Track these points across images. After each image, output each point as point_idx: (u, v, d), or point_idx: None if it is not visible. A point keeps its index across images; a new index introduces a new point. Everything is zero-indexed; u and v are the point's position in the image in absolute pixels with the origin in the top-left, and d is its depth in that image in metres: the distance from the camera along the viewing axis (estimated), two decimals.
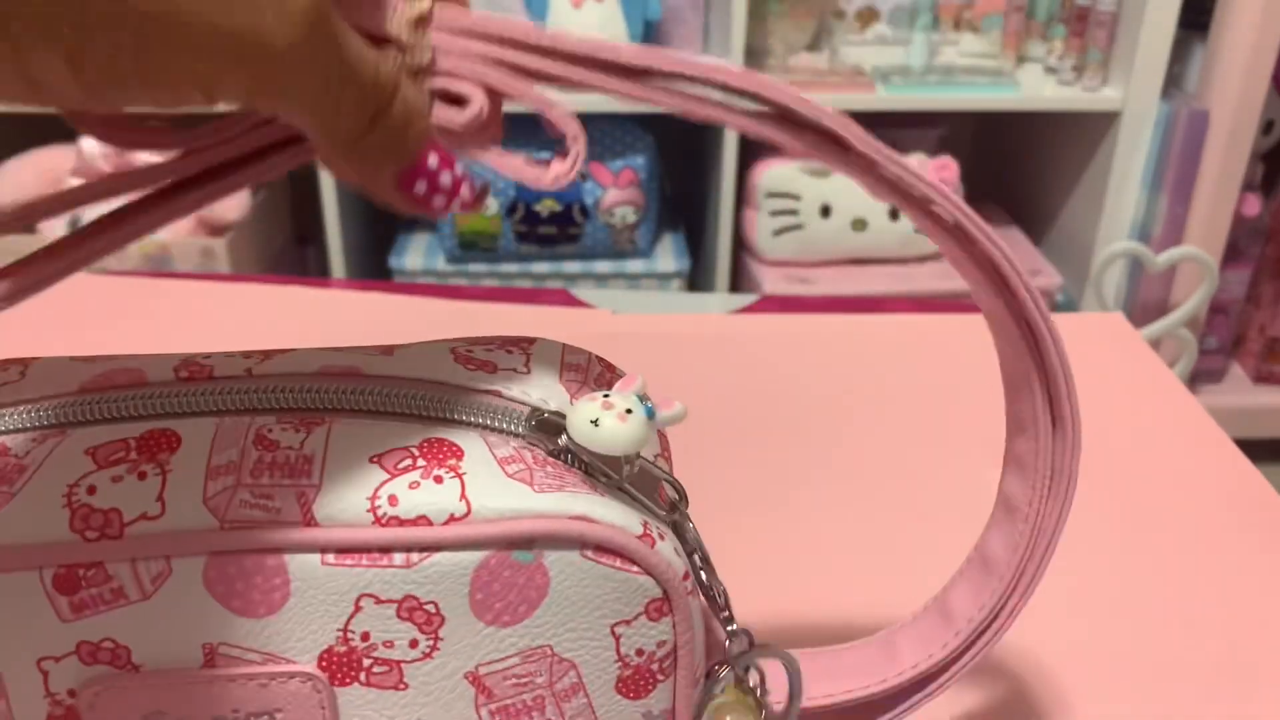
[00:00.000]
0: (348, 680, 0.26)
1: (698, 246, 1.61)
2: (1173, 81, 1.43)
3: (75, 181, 1.38)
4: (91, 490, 0.25)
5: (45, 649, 0.25)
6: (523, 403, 0.28)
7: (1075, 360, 0.64)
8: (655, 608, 0.27)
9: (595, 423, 0.27)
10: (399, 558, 0.25)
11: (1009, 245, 0.27)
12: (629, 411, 0.27)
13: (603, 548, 0.26)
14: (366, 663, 0.26)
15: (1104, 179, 1.45)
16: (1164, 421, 0.59)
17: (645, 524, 0.26)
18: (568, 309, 0.69)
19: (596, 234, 1.44)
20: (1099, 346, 0.66)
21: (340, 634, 0.26)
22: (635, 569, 0.26)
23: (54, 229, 1.40)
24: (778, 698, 0.31)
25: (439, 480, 0.26)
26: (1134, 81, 1.38)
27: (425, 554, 0.25)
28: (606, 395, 0.27)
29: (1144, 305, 1.49)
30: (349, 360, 0.28)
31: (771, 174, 1.47)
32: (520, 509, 0.25)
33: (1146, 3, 1.33)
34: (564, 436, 0.27)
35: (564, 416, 0.27)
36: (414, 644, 0.26)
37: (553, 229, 1.43)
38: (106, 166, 1.38)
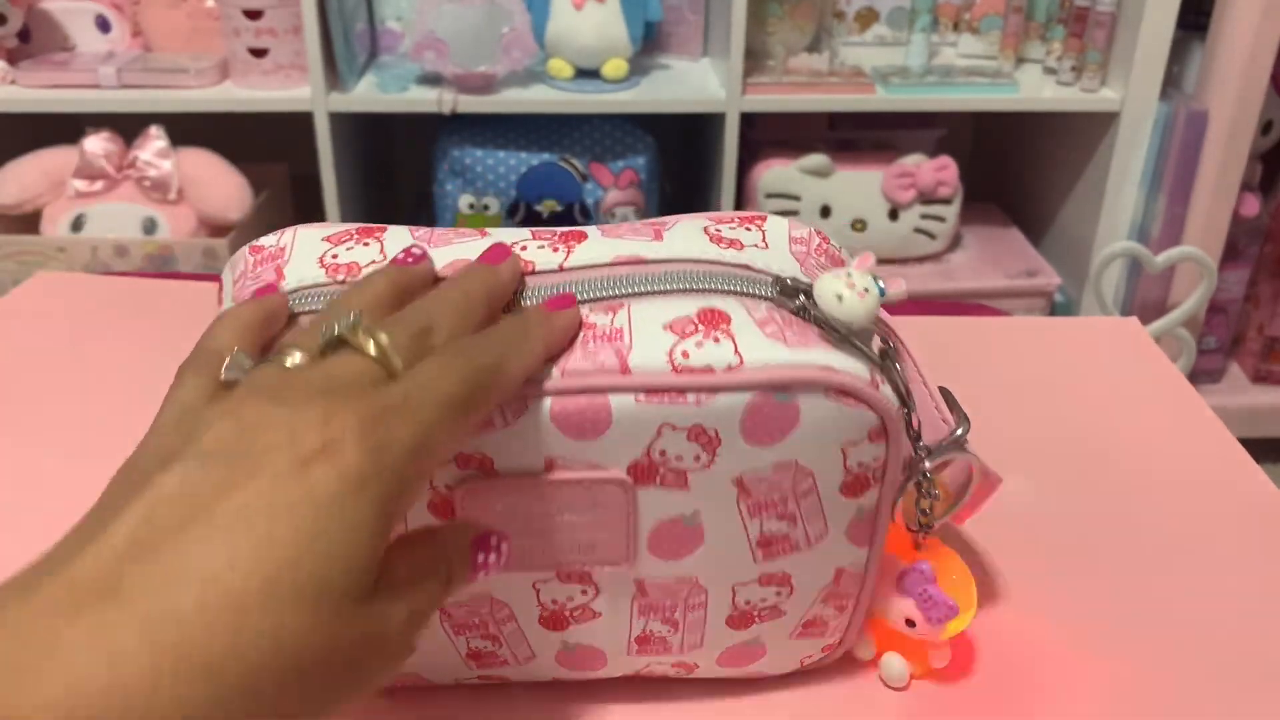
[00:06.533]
0: (646, 483, 0.36)
1: None
2: (1171, 82, 1.43)
3: (78, 182, 1.39)
4: None
5: None
6: (767, 273, 0.38)
7: (1089, 364, 0.65)
8: (875, 432, 0.36)
9: (840, 298, 0.35)
10: (691, 398, 0.35)
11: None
12: (866, 290, 0.35)
13: (842, 390, 0.35)
14: (662, 471, 0.36)
15: (1103, 179, 1.46)
16: (1176, 427, 0.60)
17: (872, 372, 0.36)
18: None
19: None
20: (1113, 351, 0.66)
21: (645, 451, 0.35)
22: (864, 406, 0.36)
23: (56, 229, 1.40)
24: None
25: (717, 340, 0.35)
26: (1133, 82, 1.39)
27: (710, 394, 0.35)
28: (849, 274, 0.35)
29: (1143, 305, 1.49)
30: (632, 249, 0.38)
31: (771, 174, 1.47)
32: (780, 361, 0.35)
33: (1145, 3, 1.34)
34: (800, 298, 0.36)
35: (801, 283, 0.37)
36: (697, 458, 0.36)
37: None
38: (109, 167, 1.38)
